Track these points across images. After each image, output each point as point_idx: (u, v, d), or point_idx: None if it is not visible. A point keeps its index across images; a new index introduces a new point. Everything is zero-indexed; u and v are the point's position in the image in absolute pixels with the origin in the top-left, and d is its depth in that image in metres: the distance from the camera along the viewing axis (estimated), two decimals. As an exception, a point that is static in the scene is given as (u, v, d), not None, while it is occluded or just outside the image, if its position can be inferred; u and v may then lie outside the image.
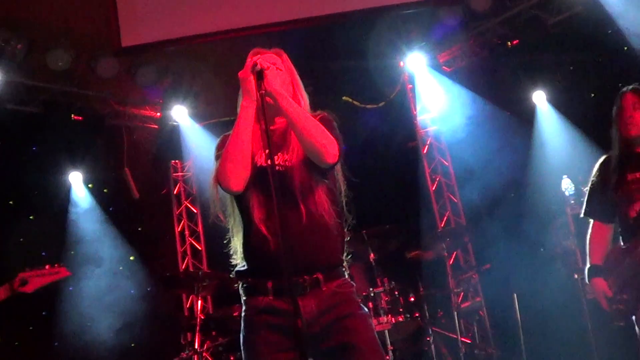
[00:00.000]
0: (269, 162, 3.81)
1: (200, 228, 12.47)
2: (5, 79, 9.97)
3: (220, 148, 4.14)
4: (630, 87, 6.04)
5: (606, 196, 6.02)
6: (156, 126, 11.86)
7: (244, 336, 4.09)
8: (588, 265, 6.13)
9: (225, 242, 4.35)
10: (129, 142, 11.60)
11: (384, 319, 7.99)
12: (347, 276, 4.15)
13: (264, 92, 3.96)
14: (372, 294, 8.17)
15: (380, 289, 8.21)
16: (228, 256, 4.32)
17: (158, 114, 11.78)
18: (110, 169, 11.57)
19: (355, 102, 10.87)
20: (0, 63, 9.70)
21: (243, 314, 4.11)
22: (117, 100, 11.60)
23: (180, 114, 11.54)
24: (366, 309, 4.12)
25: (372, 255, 8.52)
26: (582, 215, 6.34)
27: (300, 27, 9.15)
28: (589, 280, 6.11)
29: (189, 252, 12.35)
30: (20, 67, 10.11)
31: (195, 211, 12.53)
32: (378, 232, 8.55)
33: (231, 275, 4.23)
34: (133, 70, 10.94)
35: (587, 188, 6.27)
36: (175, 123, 11.61)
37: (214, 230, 4.35)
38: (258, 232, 3.98)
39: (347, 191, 4.26)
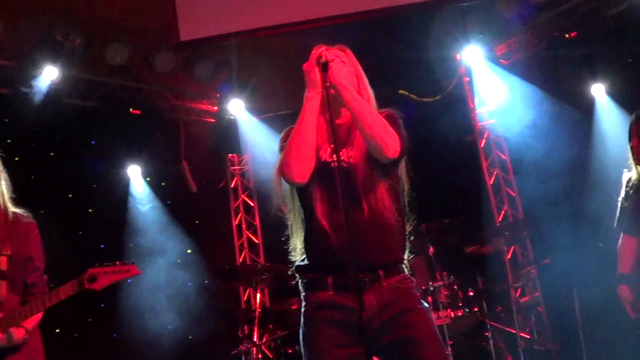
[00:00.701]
0: (333, 157, 3.83)
1: (257, 221, 12.51)
2: (64, 73, 10.07)
3: (284, 140, 4.17)
4: (634, 115, 6.39)
5: (632, 212, 6.35)
6: (213, 120, 11.91)
7: (303, 332, 4.09)
8: (617, 274, 6.43)
9: (282, 235, 4.38)
10: (187, 136, 11.69)
11: (443, 313, 7.97)
12: (407, 272, 4.12)
13: (328, 84, 3.97)
14: (431, 288, 8.16)
15: (440, 283, 8.19)
16: (285, 249, 4.35)
17: (215, 107, 11.83)
18: (167, 162, 11.66)
19: (411, 96, 10.81)
20: (59, 58, 9.78)
21: (303, 309, 4.11)
22: (174, 94, 11.70)
23: (237, 108, 11.57)
24: (426, 304, 4.11)
25: (431, 249, 8.52)
26: (614, 227, 6.58)
27: (359, 21, 9.13)
28: (616, 288, 6.39)
29: (245, 245, 12.40)
30: (79, 61, 10.22)
31: (252, 204, 12.57)
32: (437, 226, 8.52)
33: (290, 272, 4.24)
34: (190, 64, 11.01)
35: (619, 202, 6.55)
36: (232, 117, 11.65)
37: (271, 224, 4.36)
38: (320, 227, 3.99)
39: (410, 190, 4.26)
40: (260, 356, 8.40)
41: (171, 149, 11.53)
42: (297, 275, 4.22)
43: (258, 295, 8.91)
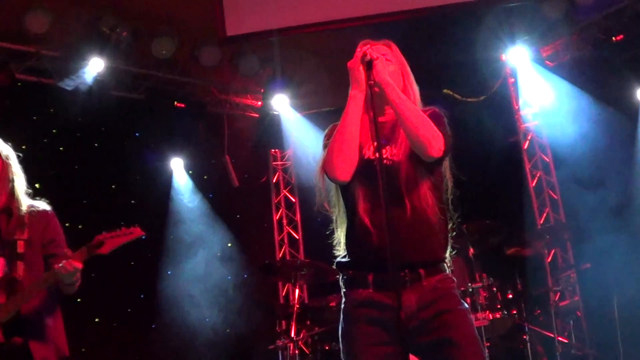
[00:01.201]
0: (376, 154, 3.82)
1: (298, 217, 12.53)
2: (110, 65, 10.17)
3: (328, 137, 4.16)
4: None
5: None
6: (257, 115, 11.93)
7: (342, 328, 4.09)
8: None
9: (323, 231, 4.38)
10: (230, 130, 11.72)
11: (481, 315, 7.92)
12: (448, 272, 4.11)
13: (372, 82, 3.95)
14: (470, 289, 8.10)
15: (479, 285, 8.13)
16: (325, 246, 4.35)
17: (259, 103, 11.86)
18: (211, 156, 11.72)
19: (456, 95, 10.77)
20: (105, 50, 9.87)
21: (342, 306, 4.12)
22: (219, 88, 11.76)
23: (281, 104, 11.59)
24: (466, 305, 4.07)
25: (471, 250, 8.45)
26: None
27: (404, 19, 9.12)
28: None
29: (286, 240, 12.43)
30: (125, 54, 10.31)
31: (293, 200, 12.60)
32: (478, 227, 8.47)
33: (334, 267, 4.25)
34: (235, 59, 11.05)
35: None
36: (275, 112, 11.68)
37: (312, 220, 4.37)
38: (362, 224, 3.98)
39: (453, 189, 4.24)
40: (297, 352, 8.42)
41: (214, 143, 11.56)
42: (338, 271, 4.22)
43: (297, 291, 8.95)
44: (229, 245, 11.56)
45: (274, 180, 12.76)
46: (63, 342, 5.38)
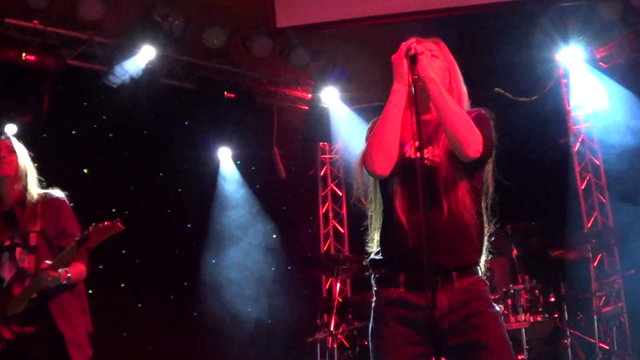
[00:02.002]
0: (417, 154, 3.78)
1: (344, 211, 12.51)
2: (161, 54, 10.22)
3: (371, 130, 4.10)
4: None
5: None
6: (306, 107, 11.94)
7: (372, 327, 4.06)
8: None
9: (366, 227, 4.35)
10: (279, 122, 11.74)
11: (521, 317, 7.84)
12: (481, 274, 4.04)
13: (416, 77, 3.88)
14: (511, 291, 8.03)
15: (521, 287, 8.04)
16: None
17: (309, 95, 11.86)
18: (259, 147, 11.74)
19: (507, 95, 10.66)
20: (157, 38, 9.92)
21: (373, 304, 4.09)
22: (269, 79, 11.77)
23: (331, 97, 11.58)
24: (498, 308, 4.00)
25: (514, 251, 8.37)
26: None
27: (458, 15, 9.05)
28: None
29: (331, 234, 12.42)
30: (176, 43, 10.36)
31: (340, 194, 12.59)
32: (522, 228, 8.41)
33: (364, 263, 4.22)
34: (287, 51, 11.04)
35: None
36: (325, 105, 11.67)
37: (358, 214, 4.34)
38: (398, 223, 3.93)
39: (493, 193, 4.17)
40: (335, 345, 8.42)
41: (263, 134, 11.59)
42: (370, 269, 4.19)
43: (338, 285, 8.94)
44: (274, 236, 11.59)
45: (322, 174, 12.76)
46: (88, 320, 5.77)
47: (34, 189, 5.79)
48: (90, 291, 5.97)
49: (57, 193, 5.91)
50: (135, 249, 10.05)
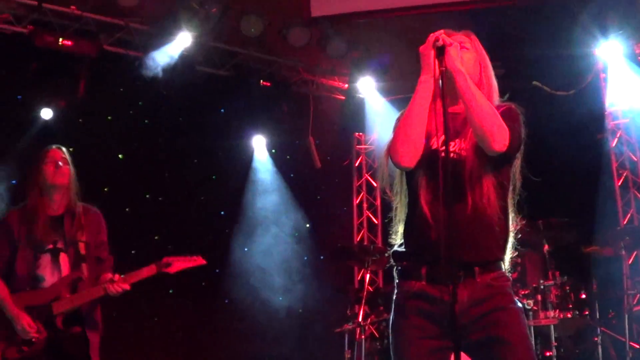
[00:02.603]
0: (440, 147, 3.75)
1: (378, 202, 12.46)
2: (197, 41, 10.24)
3: (398, 121, 4.07)
4: None
5: None
6: (343, 97, 11.92)
7: (392, 319, 4.03)
8: None
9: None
10: (315, 111, 11.73)
11: (551, 313, 7.73)
12: (504, 270, 3.99)
13: (444, 69, 3.84)
14: (541, 287, 7.93)
15: (551, 282, 7.92)
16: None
17: (345, 85, 11.83)
18: (294, 136, 11.73)
19: (545, 88, 10.56)
20: (193, 25, 9.94)
21: (394, 297, 4.05)
22: (306, 68, 11.76)
23: (367, 87, 11.54)
24: (520, 304, 3.94)
25: (545, 246, 8.25)
26: None
27: (495, 6, 8.97)
28: None
29: (365, 225, 12.40)
30: (213, 30, 10.37)
31: (375, 185, 12.54)
32: (554, 223, 8.27)
33: (386, 254, 4.20)
34: (324, 40, 10.99)
35: None
36: (361, 96, 11.64)
37: (392, 206, 4.31)
38: (421, 216, 3.89)
39: (521, 189, 4.11)
40: (363, 336, 8.40)
41: (298, 123, 11.58)
42: (393, 261, 4.15)
43: (368, 276, 8.93)
44: (307, 226, 11.58)
45: (357, 164, 12.72)
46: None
47: (75, 198, 6.27)
48: (122, 276, 6.19)
49: (93, 208, 6.43)
50: (167, 235, 10.10)
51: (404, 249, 4.05)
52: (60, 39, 9.47)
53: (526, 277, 8.30)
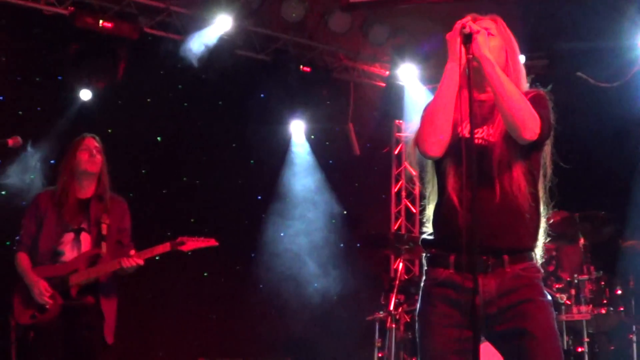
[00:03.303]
0: (468, 134, 3.72)
1: (417, 190, 12.36)
2: (237, 25, 10.23)
3: (426, 110, 4.06)
4: None
5: None
6: (383, 84, 11.88)
7: (419, 307, 4.02)
8: None
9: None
10: (355, 97, 11.68)
11: (584, 308, 7.60)
12: (535, 261, 3.94)
13: (471, 56, 3.80)
14: (575, 281, 7.81)
15: (585, 277, 7.79)
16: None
17: (387, 72, 11.77)
18: (333, 122, 11.70)
19: (589, 79, 10.42)
20: (234, 9, 9.93)
21: (422, 284, 4.03)
22: (347, 55, 11.70)
23: (408, 75, 11.46)
24: (549, 297, 3.90)
25: (581, 240, 8.11)
26: None
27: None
28: None
29: (402, 213, 12.33)
30: (253, 15, 10.35)
31: (414, 173, 12.37)
32: (591, 216, 8.13)
33: (419, 243, 4.17)
34: (366, 27, 10.97)
35: None
36: (401, 83, 11.56)
37: (429, 195, 4.28)
38: (449, 203, 3.88)
39: (552, 176, 4.06)
40: (394, 325, 8.38)
41: (338, 110, 11.56)
42: (423, 248, 4.13)
43: (402, 265, 8.89)
44: (344, 212, 11.54)
45: (396, 152, 12.64)
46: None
47: (108, 187, 6.73)
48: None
49: (121, 198, 6.88)
50: (204, 218, 10.11)
51: (433, 237, 4.04)
52: (101, 21, 9.51)
53: (561, 270, 8.19)
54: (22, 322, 6.23)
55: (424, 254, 4.10)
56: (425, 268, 4.05)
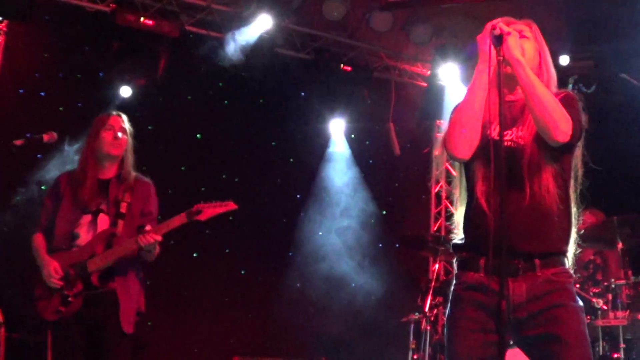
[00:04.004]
0: (497, 136, 3.72)
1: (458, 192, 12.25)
2: (278, 23, 10.25)
3: (454, 111, 4.02)
4: None
5: None
6: (425, 84, 11.81)
7: (449, 310, 4.00)
8: None
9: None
10: (396, 97, 11.63)
11: (620, 313, 7.44)
12: (567, 266, 3.88)
13: (502, 58, 3.76)
14: (612, 286, 7.68)
15: (623, 282, 7.64)
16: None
17: (428, 72, 11.70)
18: (373, 121, 11.66)
19: (632, 81, 10.29)
20: (275, 7, 9.93)
21: (452, 287, 4.01)
22: (388, 54, 11.65)
23: (450, 75, 11.38)
24: (581, 302, 3.83)
25: (620, 244, 7.96)
26: None
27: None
28: None
29: (442, 214, 12.23)
30: (295, 13, 10.36)
31: (455, 174, 12.33)
32: (630, 220, 7.98)
33: (450, 249, 4.14)
34: (408, 26, 10.93)
35: None
36: (443, 83, 11.50)
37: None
38: (478, 206, 3.85)
39: (583, 178, 4.01)
40: (428, 327, 8.33)
41: (378, 109, 11.52)
42: (454, 252, 4.12)
43: (438, 266, 8.84)
44: (383, 213, 11.51)
45: (437, 152, 12.51)
46: (142, 299, 6.06)
47: (131, 169, 6.20)
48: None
49: (148, 180, 6.31)
50: (243, 216, 10.08)
51: (463, 241, 4.01)
52: (142, 18, 9.58)
53: (598, 274, 8.08)
54: (47, 318, 5.83)
55: (455, 258, 4.07)
56: (456, 272, 4.04)
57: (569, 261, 3.91)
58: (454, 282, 4.02)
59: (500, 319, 3.49)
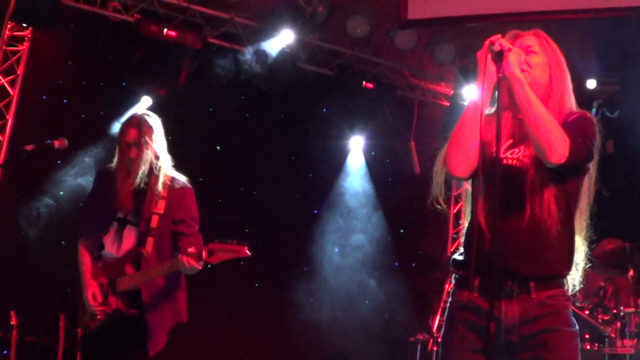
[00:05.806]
0: (506, 153, 3.74)
1: (477, 213, 12.19)
2: (300, 38, 10.28)
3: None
4: None
5: None
6: (447, 103, 11.78)
7: (443, 330, 3.95)
8: None
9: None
10: (418, 116, 11.61)
11: (628, 342, 7.36)
12: (566, 288, 3.80)
13: (502, 75, 3.69)
14: (621, 314, 7.59)
15: (632, 310, 7.57)
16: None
17: (452, 91, 11.67)
18: (394, 139, 11.64)
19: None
20: (298, 23, 9.97)
21: (448, 305, 3.97)
22: (412, 72, 11.64)
23: (472, 95, 11.30)
24: (576, 327, 3.76)
25: (631, 271, 7.87)
26: None
27: (599, 17, 8.65)
28: None
29: (460, 235, 12.17)
30: (319, 29, 10.39)
31: (475, 193, 12.27)
32: (642, 247, 7.94)
33: (450, 264, 4.11)
34: (432, 45, 10.92)
35: None
36: (466, 103, 11.43)
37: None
38: (477, 225, 3.77)
39: (592, 203, 3.94)
40: (435, 348, 8.28)
41: (399, 127, 11.50)
42: (452, 269, 4.10)
43: (446, 286, 8.79)
44: (401, 231, 11.47)
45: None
46: (182, 309, 5.93)
47: (164, 172, 5.90)
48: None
49: (184, 179, 6.04)
50: (259, 230, 10.15)
51: (461, 258, 3.95)
52: (165, 30, 9.66)
53: (608, 301, 7.98)
54: (84, 333, 5.75)
55: (452, 275, 4.03)
56: (452, 290, 3.99)
57: (568, 285, 3.83)
58: (449, 300, 3.97)
59: (488, 341, 3.45)
